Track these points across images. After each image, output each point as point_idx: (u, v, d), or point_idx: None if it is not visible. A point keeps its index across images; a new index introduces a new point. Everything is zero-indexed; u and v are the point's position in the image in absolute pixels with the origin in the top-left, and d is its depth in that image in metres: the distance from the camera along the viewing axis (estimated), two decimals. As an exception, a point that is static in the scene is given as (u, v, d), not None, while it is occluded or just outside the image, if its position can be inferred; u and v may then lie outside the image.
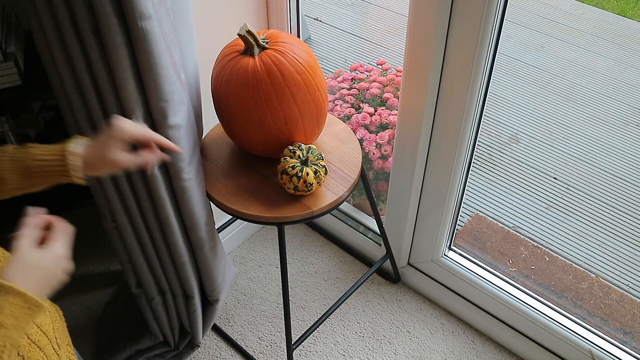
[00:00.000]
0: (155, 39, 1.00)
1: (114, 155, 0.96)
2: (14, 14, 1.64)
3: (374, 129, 1.84)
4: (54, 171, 0.95)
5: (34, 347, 0.77)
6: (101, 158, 0.96)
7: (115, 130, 0.96)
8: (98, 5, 0.95)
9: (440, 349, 1.75)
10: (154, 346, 1.69)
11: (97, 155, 0.96)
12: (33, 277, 0.74)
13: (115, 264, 2.00)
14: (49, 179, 0.96)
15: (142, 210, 1.32)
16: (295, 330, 1.80)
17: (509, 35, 3.26)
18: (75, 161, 0.94)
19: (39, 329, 0.80)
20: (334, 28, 3.31)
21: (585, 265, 2.02)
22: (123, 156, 0.97)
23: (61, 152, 0.94)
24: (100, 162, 0.97)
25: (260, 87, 1.18)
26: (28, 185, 0.97)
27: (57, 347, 0.85)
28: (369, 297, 1.89)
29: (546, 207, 2.25)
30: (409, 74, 1.39)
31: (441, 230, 1.71)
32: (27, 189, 0.97)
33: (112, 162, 0.97)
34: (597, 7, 3.58)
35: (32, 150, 0.94)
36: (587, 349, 1.59)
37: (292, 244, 2.06)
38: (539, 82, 2.93)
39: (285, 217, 1.25)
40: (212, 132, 1.46)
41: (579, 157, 2.49)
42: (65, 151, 0.93)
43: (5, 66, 1.45)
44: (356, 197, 2.00)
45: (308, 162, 1.24)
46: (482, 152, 2.50)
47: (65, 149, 0.94)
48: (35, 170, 0.94)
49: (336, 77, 2.04)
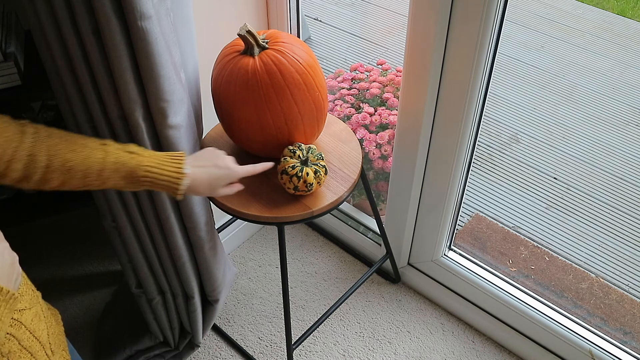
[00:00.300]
0: (155, 39, 1.00)
1: (221, 192, 1.11)
2: (14, 14, 1.64)
3: (374, 129, 1.84)
4: (164, 186, 1.02)
5: (25, 353, 0.76)
6: (210, 190, 1.08)
7: (229, 172, 1.10)
8: (98, 5, 0.95)
9: (440, 349, 1.75)
10: (154, 346, 1.69)
11: (206, 187, 1.07)
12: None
13: (115, 264, 2.00)
14: (153, 187, 1.02)
15: (142, 210, 1.32)
16: (295, 330, 1.80)
17: (509, 35, 3.26)
18: (186, 183, 1.03)
19: (32, 334, 0.79)
20: (334, 28, 3.31)
21: (585, 265, 2.02)
22: (224, 190, 1.12)
23: (179, 171, 1.01)
24: (206, 191, 1.08)
25: (260, 87, 1.18)
26: (130, 187, 1.02)
27: (51, 352, 0.84)
28: (369, 297, 1.89)
29: (546, 207, 2.25)
30: (409, 74, 1.39)
31: (441, 230, 1.71)
32: (123, 188, 1.02)
33: (214, 195, 1.11)
34: (597, 7, 3.58)
35: (144, 160, 0.99)
36: (587, 349, 1.59)
37: (292, 244, 2.06)
38: (539, 82, 2.93)
39: (285, 217, 1.25)
40: (212, 132, 1.46)
41: (579, 157, 2.49)
42: (182, 173, 1.02)
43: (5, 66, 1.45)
44: (356, 197, 2.00)
45: (308, 162, 1.24)
46: (482, 152, 2.50)
47: (182, 169, 1.02)
48: (143, 180, 1.00)
49: (336, 77, 2.04)
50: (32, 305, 0.82)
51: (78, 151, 0.94)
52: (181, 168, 1.02)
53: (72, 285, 1.94)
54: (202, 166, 1.07)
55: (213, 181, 1.08)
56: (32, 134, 0.91)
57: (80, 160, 0.94)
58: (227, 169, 1.10)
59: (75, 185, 0.96)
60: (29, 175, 0.91)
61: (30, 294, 0.82)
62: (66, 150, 0.93)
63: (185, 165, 1.03)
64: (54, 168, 0.92)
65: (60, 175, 0.94)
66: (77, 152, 0.94)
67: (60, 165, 0.93)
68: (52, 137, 0.93)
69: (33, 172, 0.91)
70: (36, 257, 2.02)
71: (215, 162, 1.09)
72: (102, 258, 2.02)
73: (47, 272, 1.98)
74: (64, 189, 0.97)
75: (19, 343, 0.75)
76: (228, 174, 1.10)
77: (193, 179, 1.04)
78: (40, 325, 0.82)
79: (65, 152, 0.93)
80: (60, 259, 2.02)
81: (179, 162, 1.02)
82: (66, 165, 0.93)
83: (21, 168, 0.90)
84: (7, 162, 0.88)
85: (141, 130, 1.12)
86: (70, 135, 0.96)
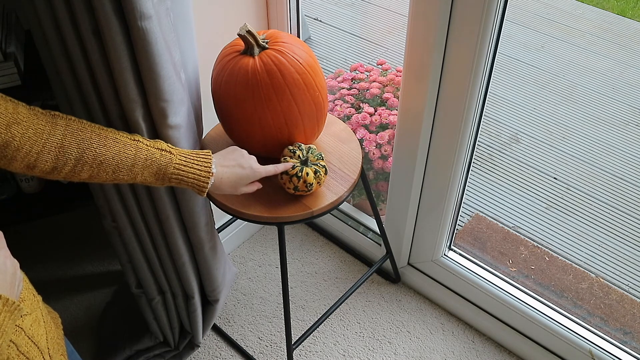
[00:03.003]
0: (155, 39, 1.00)
1: (243, 190, 1.13)
2: (14, 14, 1.64)
3: (374, 129, 1.84)
4: (191, 184, 1.04)
5: (22, 359, 0.76)
6: (233, 189, 1.11)
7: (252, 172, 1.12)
8: (98, 5, 0.95)
9: (440, 349, 1.75)
10: (154, 346, 1.69)
11: (230, 186, 1.10)
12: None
13: (115, 264, 2.00)
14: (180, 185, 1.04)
15: (142, 210, 1.32)
16: (295, 330, 1.80)
17: (509, 35, 3.26)
18: (212, 182, 1.05)
19: (30, 340, 0.78)
20: (334, 28, 3.31)
21: (585, 265, 2.02)
22: (245, 189, 1.14)
23: (207, 171, 1.04)
24: (229, 190, 1.11)
25: (260, 87, 1.18)
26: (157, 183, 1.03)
27: (49, 358, 0.83)
28: (369, 297, 1.89)
29: (546, 207, 2.25)
30: (409, 74, 1.39)
31: (441, 230, 1.71)
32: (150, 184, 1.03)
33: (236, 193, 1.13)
34: (597, 7, 3.58)
35: (174, 158, 1.01)
36: (587, 349, 1.59)
37: (292, 244, 2.06)
38: (539, 82, 2.93)
39: (285, 217, 1.25)
40: (212, 132, 1.46)
41: (579, 157, 2.49)
42: (210, 172, 1.04)
43: (5, 66, 1.45)
44: (356, 197, 2.00)
45: (308, 162, 1.24)
46: (482, 152, 2.50)
47: (210, 169, 1.04)
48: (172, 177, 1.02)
49: (336, 77, 2.04)
50: (32, 310, 0.81)
51: (110, 146, 0.95)
52: (209, 167, 1.04)
53: (72, 285, 1.94)
54: (228, 166, 1.09)
55: (237, 180, 1.10)
56: (64, 125, 0.91)
57: (111, 155, 0.95)
58: (250, 168, 1.12)
59: (105, 178, 0.97)
60: (59, 167, 0.91)
61: (30, 298, 0.82)
62: (98, 144, 0.94)
63: (213, 164, 1.04)
64: (85, 161, 0.93)
65: (91, 169, 0.94)
66: (109, 146, 0.95)
67: (91, 159, 0.93)
68: (84, 129, 0.93)
69: (64, 164, 0.91)
70: (36, 257, 2.02)
71: (240, 162, 1.11)
72: (102, 258, 2.02)
73: (47, 273, 1.98)
74: (93, 181, 0.97)
75: (17, 349, 0.75)
76: (251, 174, 1.12)
77: (218, 178, 1.06)
78: (39, 330, 0.82)
79: (97, 146, 0.94)
80: (60, 259, 2.02)
81: (206, 161, 1.04)
82: (97, 160, 0.94)
83: (52, 160, 0.90)
84: (37, 153, 0.88)
85: (141, 130, 1.12)
86: (102, 129, 0.96)
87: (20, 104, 0.87)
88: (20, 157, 0.87)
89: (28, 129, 0.87)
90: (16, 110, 0.86)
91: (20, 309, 0.69)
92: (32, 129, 0.87)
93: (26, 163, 0.89)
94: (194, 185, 1.03)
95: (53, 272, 1.98)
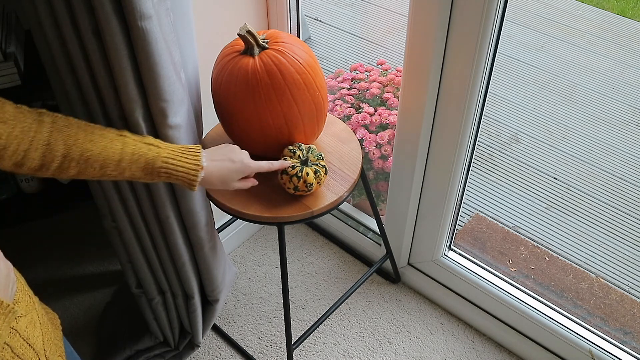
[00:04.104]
0: (155, 39, 1.00)
1: (235, 185, 1.13)
2: (14, 14, 1.64)
3: (374, 129, 1.84)
4: (180, 177, 1.03)
5: None
6: (223, 183, 1.10)
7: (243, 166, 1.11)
8: (98, 5, 0.95)
9: (440, 349, 1.75)
10: (154, 346, 1.69)
11: (220, 180, 1.09)
12: None
13: (115, 264, 2.00)
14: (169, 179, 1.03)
15: (142, 210, 1.32)
16: (295, 330, 1.80)
17: (509, 35, 3.26)
18: (202, 176, 1.05)
19: (26, 342, 0.78)
20: (334, 28, 3.31)
21: (585, 265, 2.02)
22: (238, 184, 1.13)
23: (196, 164, 1.03)
24: (220, 184, 1.10)
25: (260, 87, 1.18)
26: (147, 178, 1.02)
27: (46, 359, 0.83)
28: (369, 297, 1.89)
29: (546, 207, 2.25)
30: (409, 74, 1.39)
31: (441, 230, 1.71)
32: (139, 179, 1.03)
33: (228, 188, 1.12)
34: (597, 7, 3.58)
35: (162, 152, 1.01)
36: (587, 349, 1.59)
37: (292, 244, 2.06)
38: (539, 82, 2.93)
39: (285, 217, 1.25)
40: (212, 132, 1.46)
41: (579, 157, 2.49)
42: (199, 166, 1.03)
43: (5, 66, 1.45)
44: (356, 197, 2.00)
45: (308, 162, 1.24)
46: (482, 152, 2.50)
47: (199, 162, 1.04)
48: (161, 171, 1.01)
49: (336, 77, 2.04)
50: (28, 312, 0.81)
51: (96, 141, 0.95)
52: (198, 160, 1.03)
53: (72, 285, 1.94)
54: (217, 160, 1.09)
55: (227, 174, 1.10)
56: (50, 123, 0.91)
57: (98, 150, 0.95)
58: (241, 163, 1.12)
59: (92, 174, 0.96)
60: (46, 164, 0.91)
61: (26, 300, 0.82)
62: (84, 140, 0.94)
63: (202, 157, 1.04)
64: (72, 157, 0.93)
65: (77, 165, 0.94)
66: (96, 142, 0.95)
67: (78, 155, 0.93)
68: (70, 126, 0.93)
69: (51, 162, 0.91)
70: (36, 257, 2.02)
71: (230, 156, 1.11)
72: (102, 258, 2.02)
73: (47, 272, 1.98)
74: (81, 177, 0.97)
75: (12, 351, 0.74)
76: (242, 168, 1.12)
77: (208, 172, 1.06)
78: (35, 332, 0.81)
79: (84, 142, 0.94)
80: (60, 259, 2.02)
81: (195, 155, 1.04)
82: (84, 155, 0.93)
83: (38, 157, 0.90)
84: (24, 151, 0.88)
85: (141, 130, 1.12)
86: (88, 125, 0.96)
87: (7, 103, 0.87)
88: (7, 155, 0.87)
89: (15, 127, 0.86)
90: (2, 109, 0.86)
91: (14, 311, 0.69)
92: (19, 128, 0.87)
93: (14, 161, 0.89)
94: (184, 179, 1.03)
95: (53, 272, 1.98)
